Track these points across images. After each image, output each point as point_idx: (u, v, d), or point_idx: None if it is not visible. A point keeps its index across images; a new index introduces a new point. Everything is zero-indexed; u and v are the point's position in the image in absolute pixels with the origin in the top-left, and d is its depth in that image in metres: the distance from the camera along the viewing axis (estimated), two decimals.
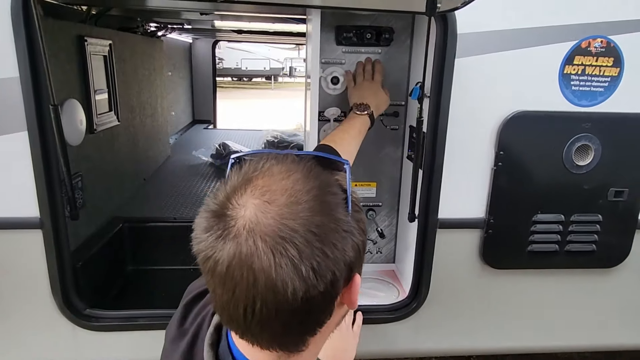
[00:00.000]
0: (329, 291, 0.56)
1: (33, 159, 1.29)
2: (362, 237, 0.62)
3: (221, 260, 0.55)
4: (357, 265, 0.62)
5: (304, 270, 0.53)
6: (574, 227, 1.50)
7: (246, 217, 0.54)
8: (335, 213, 0.57)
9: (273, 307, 0.54)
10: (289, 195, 0.55)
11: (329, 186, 0.59)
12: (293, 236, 0.53)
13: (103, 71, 1.87)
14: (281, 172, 0.58)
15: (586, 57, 1.37)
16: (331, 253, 0.55)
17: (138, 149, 2.37)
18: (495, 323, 1.59)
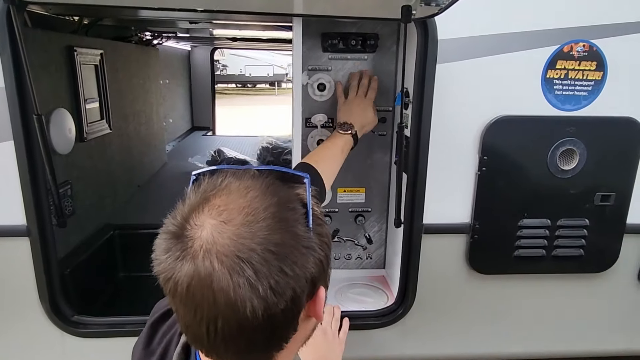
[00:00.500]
0: (291, 307, 0.57)
1: (19, 168, 1.31)
2: (325, 251, 0.62)
3: (180, 281, 0.55)
4: (322, 279, 0.63)
5: (262, 290, 0.53)
6: (561, 231, 1.50)
7: (203, 238, 0.54)
8: (294, 229, 0.57)
9: (235, 325, 0.55)
10: (246, 214, 0.56)
11: (288, 202, 0.59)
12: (250, 255, 0.53)
13: (94, 80, 1.89)
14: (239, 190, 0.58)
15: (569, 61, 1.37)
16: (290, 271, 0.55)
17: (132, 156, 2.38)
18: (483, 329, 1.58)
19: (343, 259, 1.90)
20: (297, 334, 0.64)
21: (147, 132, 2.71)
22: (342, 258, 1.90)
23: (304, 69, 1.67)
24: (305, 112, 1.71)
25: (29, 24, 1.50)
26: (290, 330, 0.61)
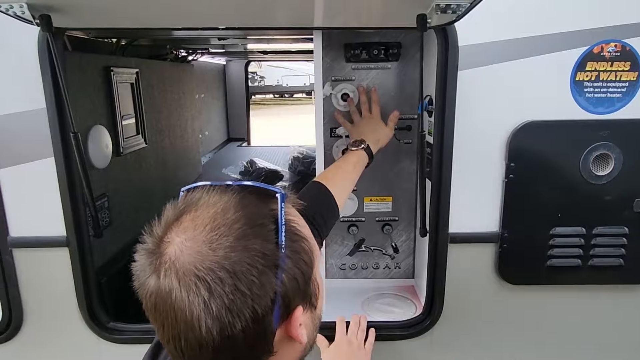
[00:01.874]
0: (253, 328, 0.55)
1: (59, 183, 1.40)
2: (301, 268, 0.61)
3: (148, 295, 0.57)
4: (298, 298, 0.61)
5: (215, 309, 0.53)
6: (598, 240, 1.43)
7: (169, 255, 0.56)
8: (257, 246, 0.56)
9: (195, 344, 0.55)
10: (210, 230, 0.56)
11: (258, 218, 0.58)
12: (206, 274, 0.53)
13: (130, 98, 1.99)
14: (209, 206, 0.58)
15: (599, 62, 1.32)
16: (248, 290, 0.54)
17: (167, 169, 2.48)
18: (514, 342, 1.52)
19: (371, 269, 1.89)
20: (277, 356, 0.62)
21: (182, 145, 2.81)
22: (369, 267, 1.89)
23: (327, 80, 1.69)
24: (330, 123, 1.73)
25: (69, 48, 1.61)
26: (262, 352, 0.60)
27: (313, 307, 0.66)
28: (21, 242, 1.46)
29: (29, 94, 1.35)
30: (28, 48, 1.31)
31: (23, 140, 1.40)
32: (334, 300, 1.77)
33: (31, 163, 1.41)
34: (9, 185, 1.42)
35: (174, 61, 2.90)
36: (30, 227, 1.46)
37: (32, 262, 1.49)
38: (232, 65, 4.99)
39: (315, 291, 0.66)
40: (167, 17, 1.16)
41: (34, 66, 1.32)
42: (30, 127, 1.37)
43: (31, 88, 1.34)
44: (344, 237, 1.85)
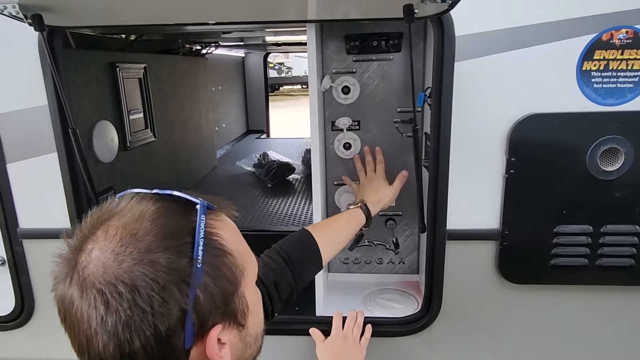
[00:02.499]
0: (156, 346, 0.52)
1: (62, 177, 1.44)
2: (220, 284, 0.56)
3: (58, 304, 0.56)
4: (216, 316, 0.57)
5: (110, 325, 0.51)
6: (606, 239, 1.35)
7: (79, 264, 0.54)
8: (165, 261, 0.52)
9: (97, 358, 0.53)
10: (119, 241, 0.53)
11: (173, 230, 0.55)
12: (105, 287, 0.51)
13: (138, 92, 2.03)
14: (124, 215, 0.56)
15: (609, 50, 1.24)
16: (149, 306, 0.51)
17: (178, 162, 2.52)
18: (515, 342, 1.47)
19: (374, 263, 1.87)
20: None
21: (195, 138, 2.85)
22: (373, 262, 1.87)
23: (327, 73, 1.67)
24: (331, 116, 1.71)
25: (73, 45, 1.64)
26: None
27: (240, 325, 0.62)
28: (30, 233, 1.53)
29: (33, 92, 1.39)
30: (31, 46, 1.34)
31: (29, 137, 1.44)
32: (336, 294, 1.76)
33: (36, 158, 1.46)
34: (17, 179, 1.48)
35: (187, 55, 2.93)
36: (38, 220, 1.52)
37: (41, 253, 1.55)
38: (251, 57, 5.01)
39: (242, 309, 0.62)
40: (157, 14, 1.17)
41: (36, 64, 1.36)
42: (35, 124, 1.42)
43: (34, 85, 1.38)
44: None
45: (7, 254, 1.52)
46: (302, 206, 2.45)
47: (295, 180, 2.96)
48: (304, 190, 2.76)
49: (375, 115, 1.69)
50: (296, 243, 1.22)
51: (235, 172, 3.16)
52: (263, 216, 2.30)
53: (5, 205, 1.47)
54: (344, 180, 1.66)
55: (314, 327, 1.45)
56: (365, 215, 1.39)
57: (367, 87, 1.68)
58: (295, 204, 2.50)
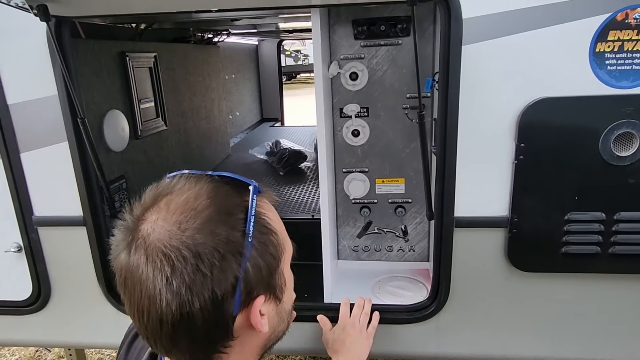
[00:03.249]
0: (212, 310, 0.58)
1: (74, 166, 1.47)
2: (267, 260, 0.63)
3: (119, 269, 0.61)
4: (261, 288, 0.63)
5: (175, 286, 0.56)
6: (620, 226, 1.32)
7: (143, 232, 0.59)
8: (223, 233, 0.58)
9: (157, 318, 0.58)
10: (181, 213, 0.59)
11: (229, 207, 0.61)
12: (171, 252, 0.56)
13: (149, 81, 2.05)
14: (183, 192, 0.62)
15: (624, 31, 1.19)
16: (209, 272, 0.56)
17: (191, 151, 2.55)
18: (524, 330, 1.45)
19: (384, 251, 1.87)
20: (238, 344, 0.65)
21: (207, 127, 2.86)
22: (382, 250, 1.87)
23: (335, 58, 1.65)
24: (339, 103, 1.70)
25: (82, 35, 1.66)
26: (222, 335, 0.62)
27: (278, 299, 0.69)
28: (45, 221, 1.57)
29: (43, 82, 1.41)
30: (40, 37, 1.36)
31: (41, 126, 1.47)
32: (345, 281, 1.77)
33: (49, 147, 1.49)
34: (30, 168, 1.51)
35: (199, 43, 2.93)
36: (52, 207, 1.56)
37: (56, 240, 1.60)
38: (264, 45, 4.98)
39: (281, 284, 0.68)
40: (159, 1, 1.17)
41: (46, 54, 1.38)
42: (46, 114, 1.45)
43: (45, 76, 1.41)
44: (356, 219, 1.84)
45: (24, 240, 1.56)
46: (313, 194, 2.45)
47: (307, 168, 2.96)
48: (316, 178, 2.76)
49: (384, 102, 1.67)
50: None
51: (248, 160, 3.18)
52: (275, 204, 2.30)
53: (20, 193, 1.51)
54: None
55: (321, 314, 1.46)
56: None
57: (375, 73, 1.65)
58: (307, 191, 2.50)
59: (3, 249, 1.59)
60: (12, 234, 1.58)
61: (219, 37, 3.14)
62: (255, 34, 4.16)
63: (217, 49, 3.16)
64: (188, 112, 2.52)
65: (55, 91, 1.42)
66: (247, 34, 4.04)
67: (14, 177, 1.50)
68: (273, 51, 5.01)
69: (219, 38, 3.17)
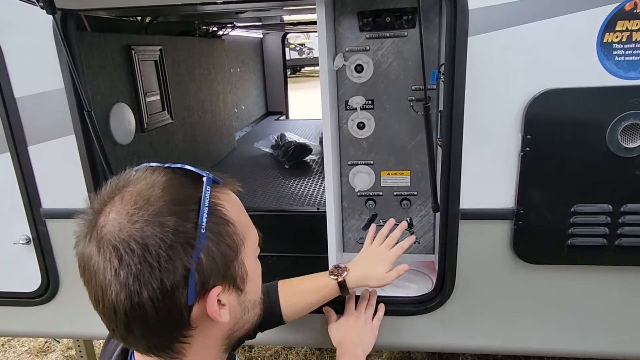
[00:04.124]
0: (163, 299, 0.59)
1: (81, 159, 1.49)
2: (223, 251, 0.63)
3: (79, 260, 0.64)
4: (216, 278, 0.63)
5: (123, 276, 0.58)
6: (626, 218, 1.31)
7: (98, 224, 0.61)
8: (173, 224, 0.59)
9: (110, 307, 0.60)
10: (133, 205, 0.60)
11: (182, 198, 0.62)
12: (120, 244, 0.58)
13: (154, 74, 2.05)
14: (139, 183, 0.63)
15: (632, 21, 1.17)
16: (156, 263, 0.57)
17: (196, 144, 2.56)
18: (529, 322, 1.45)
19: None
20: (199, 333, 0.66)
21: (213, 120, 2.87)
22: None
23: (340, 51, 1.64)
24: (344, 95, 1.70)
25: (88, 28, 1.67)
26: (178, 325, 0.63)
27: (239, 289, 0.68)
28: (53, 213, 1.58)
29: (50, 75, 1.42)
30: (46, 30, 1.37)
31: (48, 119, 1.48)
32: None
33: (56, 140, 1.50)
34: (38, 161, 1.53)
35: (204, 37, 2.93)
36: (60, 200, 1.57)
37: (64, 232, 1.61)
38: (269, 38, 4.97)
39: (242, 275, 0.68)
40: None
41: (52, 47, 1.39)
42: (53, 107, 1.46)
43: (51, 69, 1.41)
44: (361, 211, 1.84)
45: (32, 233, 1.58)
46: (318, 187, 2.45)
47: (313, 161, 2.96)
48: (321, 170, 2.77)
49: (390, 94, 1.67)
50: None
51: (254, 154, 3.19)
52: (280, 197, 2.31)
53: (28, 186, 1.53)
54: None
55: (327, 306, 1.47)
56: (338, 289, 1.29)
57: (381, 65, 1.65)
58: (312, 184, 2.51)
59: (12, 241, 1.61)
60: (21, 227, 1.60)
61: (223, 30, 3.14)
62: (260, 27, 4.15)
63: (222, 43, 3.16)
64: (193, 106, 2.53)
65: (61, 84, 1.43)
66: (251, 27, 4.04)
67: (22, 170, 1.52)
68: (278, 44, 5.00)
69: (223, 31, 3.17)
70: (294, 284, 1.33)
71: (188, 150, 2.43)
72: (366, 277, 1.31)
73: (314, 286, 1.31)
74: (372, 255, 1.36)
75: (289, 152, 2.87)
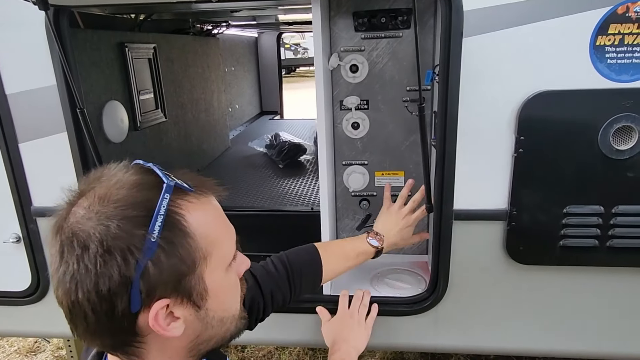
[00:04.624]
0: (98, 302, 0.57)
1: (72, 156, 1.47)
2: (172, 261, 0.59)
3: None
4: (163, 290, 0.59)
5: (61, 272, 0.58)
6: (618, 220, 1.32)
7: (62, 217, 0.61)
8: (115, 228, 0.56)
9: (56, 298, 0.61)
10: (94, 203, 0.59)
11: (137, 201, 0.59)
12: (66, 240, 0.58)
13: (148, 72, 2.04)
14: (110, 181, 0.62)
15: (625, 24, 1.18)
16: (92, 264, 0.56)
17: (190, 143, 2.54)
18: (522, 323, 1.46)
19: None
20: (155, 342, 0.64)
21: (207, 119, 2.86)
22: None
23: (335, 51, 1.64)
24: (339, 95, 1.70)
25: (81, 25, 1.65)
26: (123, 331, 0.61)
27: (196, 305, 0.64)
28: (44, 211, 1.56)
29: (42, 72, 1.41)
30: (39, 26, 1.35)
31: (39, 116, 1.47)
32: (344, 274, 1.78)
33: (48, 137, 1.48)
34: (29, 158, 1.51)
35: (198, 35, 2.92)
36: (51, 198, 1.55)
37: None
38: (264, 38, 4.96)
39: (200, 291, 0.63)
40: None
41: (44, 44, 1.37)
42: (45, 104, 1.44)
43: (43, 65, 1.40)
44: (355, 211, 1.84)
45: (22, 231, 1.56)
46: (312, 187, 2.45)
47: (307, 161, 2.96)
48: (315, 170, 2.76)
49: (384, 94, 1.67)
50: (303, 260, 1.25)
51: (248, 153, 3.18)
52: (274, 196, 2.31)
53: (18, 183, 1.51)
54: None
55: (321, 305, 1.47)
56: (374, 254, 1.41)
57: (376, 66, 1.65)
58: (306, 184, 2.51)
59: (2, 239, 1.59)
60: (11, 225, 1.58)
61: (218, 29, 3.13)
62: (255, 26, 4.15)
63: (216, 41, 3.15)
64: (187, 104, 2.52)
65: (54, 81, 1.41)
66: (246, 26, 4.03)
67: (12, 168, 1.50)
68: (273, 44, 4.99)
69: (218, 30, 3.16)
70: (334, 249, 1.36)
71: (182, 149, 2.41)
72: (397, 244, 1.47)
73: (354, 251, 1.37)
74: (396, 221, 1.48)
75: (283, 151, 2.87)
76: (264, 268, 1.19)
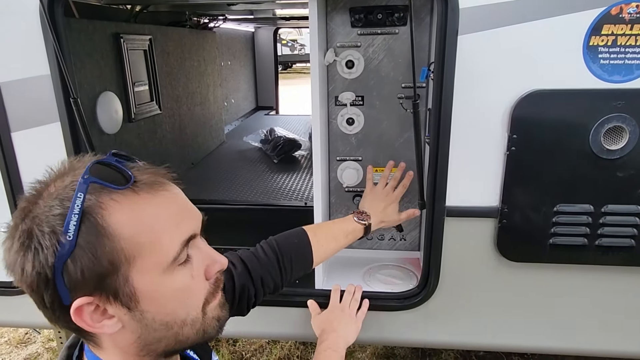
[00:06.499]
0: (31, 293, 0.61)
1: (65, 146, 1.46)
2: (91, 262, 0.58)
3: None
4: (84, 288, 0.59)
5: (4, 250, 0.63)
6: (607, 219, 1.34)
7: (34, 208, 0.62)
8: (45, 226, 0.58)
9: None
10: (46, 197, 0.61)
11: (64, 198, 0.59)
12: (10, 224, 0.63)
13: (143, 64, 2.03)
14: (67, 176, 0.63)
15: (618, 25, 1.20)
16: (24, 252, 0.59)
17: (185, 136, 2.54)
18: (511, 319, 1.48)
19: (376, 239, 1.89)
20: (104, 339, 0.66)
21: (202, 113, 2.85)
22: (374, 238, 1.88)
23: (331, 46, 1.64)
24: (334, 91, 1.70)
25: (76, 15, 1.64)
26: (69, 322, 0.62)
27: (126, 306, 0.62)
28: None
29: (36, 61, 1.40)
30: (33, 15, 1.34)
31: (33, 106, 1.46)
32: (336, 269, 1.78)
33: (41, 127, 1.47)
34: (22, 148, 1.50)
35: (194, 28, 2.90)
36: None
37: None
38: (260, 32, 4.94)
39: (128, 292, 0.61)
40: None
41: (38, 33, 1.36)
42: (38, 93, 1.43)
43: (37, 54, 1.39)
44: (348, 206, 1.85)
45: None
46: (306, 182, 2.46)
47: (301, 156, 2.96)
48: (309, 166, 2.77)
49: (380, 91, 1.68)
50: (292, 244, 1.25)
51: (243, 148, 3.18)
52: (268, 191, 2.31)
53: (10, 173, 1.50)
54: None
55: (312, 299, 1.48)
56: (363, 233, 1.41)
57: (371, 62, 1.65)
58: (300, 179, 2.51)
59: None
60: (3, 214, 1.57)
61: (215, 22, 3.11)
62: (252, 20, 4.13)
63: (213, 35, 3.13)
64: (183, 97, 2.51)
65: (47, 70, 1.40)
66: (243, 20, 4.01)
67: (4, 157, 1.49)
68: (269, 39, 4.98)
69: (215, 23, 3.15)
70: (323, 231, 1.36)
71: (176, 142, 2.41)
72: (383, 221, 1.48)
73: (343, 232, 1.37)
74: (379, 199, 1.50)
75: (278, 146, 2.87)
76: (254, 254, 1.19)
